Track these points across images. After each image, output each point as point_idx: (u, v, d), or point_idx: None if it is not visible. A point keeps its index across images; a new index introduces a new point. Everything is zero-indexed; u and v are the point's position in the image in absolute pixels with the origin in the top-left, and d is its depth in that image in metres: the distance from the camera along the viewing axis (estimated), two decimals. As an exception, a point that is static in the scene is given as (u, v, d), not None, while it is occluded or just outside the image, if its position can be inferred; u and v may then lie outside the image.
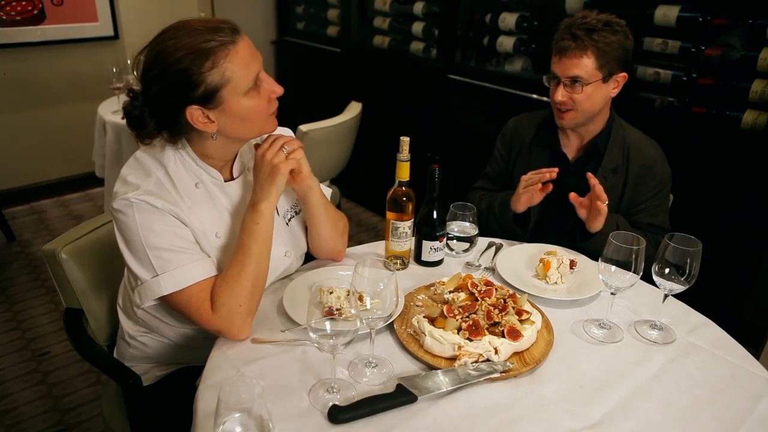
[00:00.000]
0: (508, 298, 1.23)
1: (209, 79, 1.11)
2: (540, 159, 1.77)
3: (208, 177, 1.26)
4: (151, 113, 1.15)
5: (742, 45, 2.14)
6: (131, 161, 1.24)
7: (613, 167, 1.68)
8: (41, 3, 3.47)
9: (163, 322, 1.33)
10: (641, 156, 1.67)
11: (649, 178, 1.67)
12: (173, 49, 1.09)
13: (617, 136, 1.70)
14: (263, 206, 1.20)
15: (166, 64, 1.10)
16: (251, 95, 1.16)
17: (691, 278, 1.19)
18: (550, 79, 1.65)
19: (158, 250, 1.15)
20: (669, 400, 1.07)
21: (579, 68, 1.56)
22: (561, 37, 1.59)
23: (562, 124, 1.68)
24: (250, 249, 1.18)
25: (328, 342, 0.98)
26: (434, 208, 1.44)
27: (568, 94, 1.60)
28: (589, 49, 1.55)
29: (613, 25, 1.56)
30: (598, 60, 1.56)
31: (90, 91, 3.70)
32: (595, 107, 1.63)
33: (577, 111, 1.62)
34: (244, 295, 1.16)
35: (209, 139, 1.20)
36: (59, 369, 2.35)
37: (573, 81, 1.58)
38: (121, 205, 1.16)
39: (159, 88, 1.12)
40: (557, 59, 1.61)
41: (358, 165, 3.19)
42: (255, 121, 1.20)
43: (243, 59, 1.13)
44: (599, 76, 1.58)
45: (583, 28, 1.55)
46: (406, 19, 3.44)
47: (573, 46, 1.55)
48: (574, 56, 1.56)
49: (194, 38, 1.10)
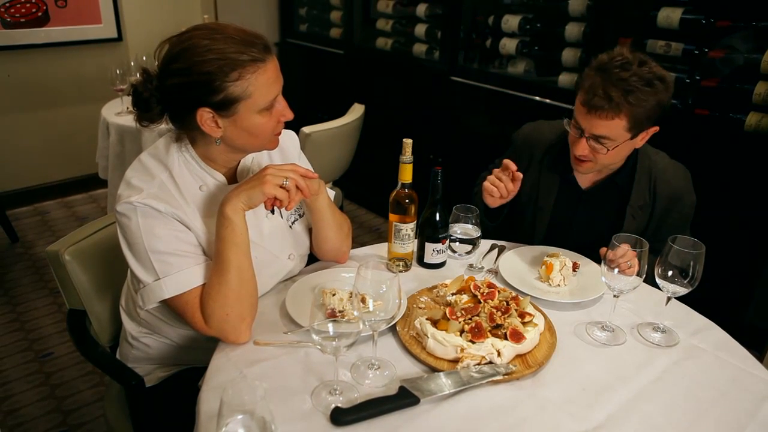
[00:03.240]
0: (511, 300, 1.23)
1: (231, 90, 1.11)
2: (550, 182, 1.66)
3: (212, 180, 1.26)
4: (159, 100, 1.16)
5: (745, 47, 2.14)
6: (135, 164, 1.24)
7: (641, 204, 1.58)
8: (45, 5, 3.48)
9: (166, 323, 1.33)
10: (668, 188, 1.56)
11: (675, 211, 1.58)
12: (205, 50, 1.10)
13: (643, 168, 1.57)
14: (228, 210, 1.15)
15: (193, 62, 1.10)
16: (264, 114, 1.17)
17: (694, 281, 1.19)
18: (572, 126, 1.49)
19: (161, 254, 1.16)
20: (672, 403, 1.07)
21: (608, 129, 1.40)
22: (592, 89, 1.39)
23: (578, 170, 1.56)
24: (226, 257, 1.16)
25: (330, 344, 0.98)
26: (437, 210, 1.44)
27: (590, 150, 1.45)
28: (623, 112, 1.37)
29: (655, 84, 1.37)
30: (631, 122, 1.39)
31: (93, 93, 3.71)
32: (617, 161, 1.52)
33: (596, 163, 1.49)
34: (229, 303, 1.15)
35: (212, 144, 1.20)
36: (62, 370, 2.35)
37: (598, 139, 1.43)
38: (124, 209, 1.16)
39: (178, 82, 1.12)
40: (584, 111, 1.42)
41: (361, 167, 3.19)
42: (260, 138, 1.20)
43: (268, 79, 1.14)
44: (628, 136, 1.42)
45: (621, 88, 1.35)
46: (408, 21, 3.44)
47: (606, 107, 1.37)
48: (606, 117, 1.38)
49: (228, 46, 1.10)
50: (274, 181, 1.17)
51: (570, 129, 1.51)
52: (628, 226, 1.58)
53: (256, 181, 1.17)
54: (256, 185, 1.17)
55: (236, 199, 1.16)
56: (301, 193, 1.21)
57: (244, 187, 1.17)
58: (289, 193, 1.19)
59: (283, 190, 1.18)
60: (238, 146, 1.22)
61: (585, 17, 2.54)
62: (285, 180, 1.18)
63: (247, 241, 1.18)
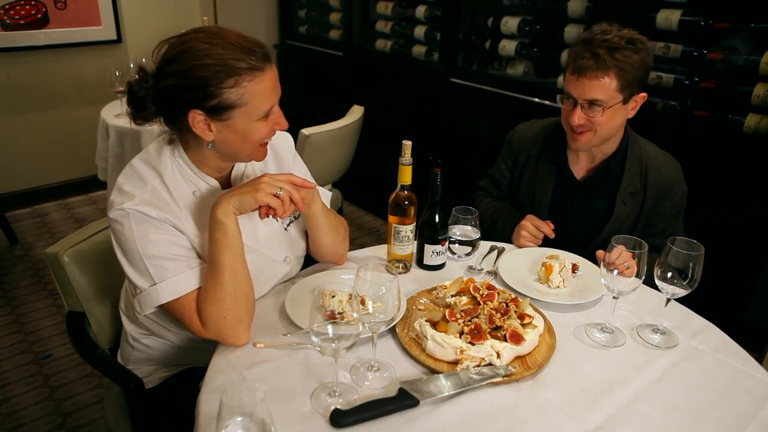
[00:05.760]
0: (510, 301, 1.23)
1: (226, 96, 1.11)
2: (547, 175, 1.70)
3: (205, 185, 1.26)
4: (154, 99, 1.16)
5: (744, 49, 2.14)
6: (127, 169, 1.24)
7: (632, 190, 1.61)
8: (45, 7, 3.49)
9: (165, 327, 1.34)
10: (659, 176, 1.60)
11: (666, 199, 1.60)
12: (202, 54, 1.09)
13: (634, 156, 1.61)
14: (219, 213, 1.15)
15: (189, 65, 1.10)
16: (259, 123, 1.17)
17: (693, 282, 1.19)
18: (564, 99, 1.54)
19: (155, 259, 1.16)
20: (671, 405, 1.07)
21: (599, 90, 1.45)
22: (579, 54, 1.46)
23: (577, 146, 1.58)
24: (220, 260, 1.16)
25: (330, 346, 0.98)
26: (436, 211, 1.44)
27: (586, 117, 1.49)
28: (611, 70, 1.43)
29: (636, 42, 1.45)
30: (620, 81, 1.44)
31: (93, 95, 3.72)
32: (613, 130, 1.54)
33: (594, 133, 1.52)
34: (226, 306, 1.15)
35: (204, 147, 1.20)
36: (61, 372, 2.35)
37: (591, 103, 1.47)
38: (117, 215, 1.15)
39: (173, 83, 1.12)
40: (575, 79, 1.48)
41: (361, 168, 3.19)
42: (250, 143, 1.19)
43: (265, 89, 1.14)
44: (620, 98, 1.47)
45: (604, 47, 1.42)
46: (408, 23, 3.45)
47: (594, 66, 1.43)
48: (595, 77, 1.44)
49: (227, 51, 1.10)
50: (268, 190, 1.16)
51: (563, 104, 1.55)
52: (619, 212, 1.62)
53: (250, 188, 1.17)
54: (249, 191, 1.16)
55: (227, 203, 1.16)
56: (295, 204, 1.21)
57: (237, 192, 1.17)
58: (283, 203, 1.18)
59: (277, 199, 1.18)
60: (228, 152, 1.22)
61: (584, 19, 2.54)
62: (279, 190, 1.18)
63: (239, 243, 1.18)
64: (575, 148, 1.61)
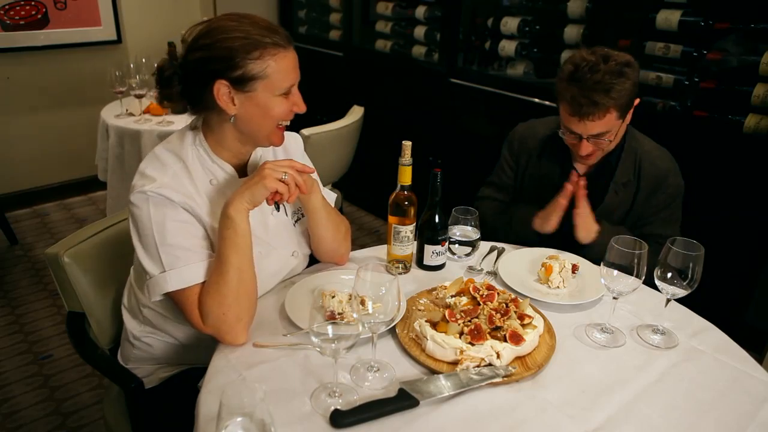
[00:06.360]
0: (510, 302, 1.23)
1: (250, 67, 1.16)
2: (551, 172, 1.73)
3: (222, 173, 1.28)
4: (181, 78, 1.21)
5: (744, 49, 2.14)
6: (150, 156, 1.26)
7: (625, 181, 1.65)
8: (45, 7, 3.49)
9: (169, 320, 1.34)
10: (653, 168, 1.63)
11: (660, 191, 1.63)
12: (230, 30, 1.16)
13: (630, 149, 1.65)
14: (231, 210, 1.17)
15: (218, 38, 1.16)
16: (279, 99, 1.21)
17: (693, 282, 1.19)
18: (567, 132, 1.57)
19: (169, 247, 1.17)
20: (671, 405, 1.07)
21: (603, 126, 1.50)
22: (575, 99, 1.47)
23: (586, 163, 1.65)
24: (227, 257, 1.16)
25: (330, 346, 0.98)
26: (436, 212, 1.44)
27: (593, 147, 1.54)
28: (610, 107, 1.47)
29: (625, 72, 1.46)
30: (619, 111, 1.49)
31: (93, 95, 3.71)
32: (616, 142, 1.61)
33: (602, 151, 1.59)
34: (227, 302, 1.16)
35: (226, 127, 1.23)
36: (61, 372, 2.35)
37: (597, 136, 1.52)
38: (136, 199, 1.17)
39: (201, 56, 1.17)
40: (576, 120, 1.50)
41: (361, 169, 3.19)
42: (270, 120, 1.23)
43: (287, 66, 1.20)
44: (621, 121, 1.53)
45: (599, 90, 1.44)
46: (408, 23, 3.45)
47: (594, 110, 1.46)
48: (597, 118, 1.48)
49: (253, 29, 1.17)
50: (274, 175, 1.19)
51: (566, 137, 1.58)
52: (611, 201, 1.66)
53: (257, 177, 1.19)
54: (257, 181, 1.19)
55: (239, 199, 1.18)
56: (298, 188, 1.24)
57: (245, 186, 1.19)
58: (288, 186, 1.21)
59: (283, 183, 1.21)
60: (248, 131, 1.24)
61: (584, 19, 2.54)
62: (284, 174, 1.21)
63: (248, 242, 1.19)
64: (585, 164, 1.67)
